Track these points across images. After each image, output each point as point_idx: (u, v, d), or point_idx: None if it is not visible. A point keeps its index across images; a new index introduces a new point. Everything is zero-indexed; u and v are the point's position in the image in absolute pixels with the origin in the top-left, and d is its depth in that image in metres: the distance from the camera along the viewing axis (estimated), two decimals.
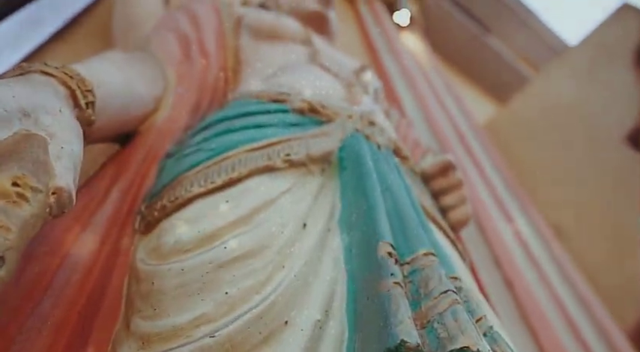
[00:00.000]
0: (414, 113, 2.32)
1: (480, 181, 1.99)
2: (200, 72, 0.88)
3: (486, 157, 2.25)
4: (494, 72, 3.56)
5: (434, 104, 2.49)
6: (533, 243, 1.73)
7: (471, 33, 3.35)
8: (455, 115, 2.51)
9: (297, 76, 0.86)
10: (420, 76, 2.59)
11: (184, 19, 0.97)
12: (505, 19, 3.45)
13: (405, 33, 2.99)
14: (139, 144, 0.72)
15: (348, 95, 0.90)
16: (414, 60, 2.70)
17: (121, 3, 1.03)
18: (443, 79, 2.84)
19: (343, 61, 1.11)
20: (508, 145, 2.69)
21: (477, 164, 2.08)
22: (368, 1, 2.97)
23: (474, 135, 2.40)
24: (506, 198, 2.00)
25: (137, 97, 0.71)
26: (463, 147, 2.25)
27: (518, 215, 2.05)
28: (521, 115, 2.62)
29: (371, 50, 2.66)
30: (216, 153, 0.64)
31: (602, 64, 2.18)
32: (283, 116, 0.73)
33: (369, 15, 2.87)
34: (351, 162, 0.69)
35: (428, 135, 2.23)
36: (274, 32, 1.02)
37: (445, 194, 0.88)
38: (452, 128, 2.42)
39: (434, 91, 2.54)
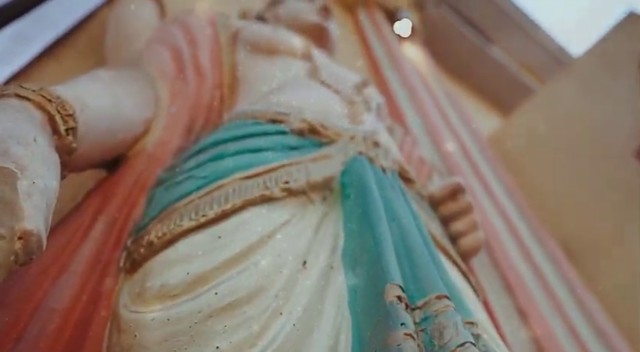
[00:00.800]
0: (416, 126, 2.28)
1: (487, 199, 1.94)
2: (194, 90, 0.84)
3: (492, 173, 2.20)
4: (496, 82, 3.53)
5: (437, 117, 2.44)
6: (545, 267, 1.67)
7: (473, 43, 3.32)
8: (459, 129, 2.46)
9: (297, 94, 0.82)
10: (422, 87, 2.55)
11: (179, 33, 0.93)
12: (507, 29, 3.42)
13: (406, 44, 2.96)
14: (127, 170, 0.67)
15: (350, 113, 0.85)
16: (416, 71, 2.66)
17: (114, 18, 0.99)
18: (445, 90, 2.81)
19: (344, 75, 1.07)
20: (513, 159, 2.64)
21: (482, 181, 2.03)
22: (368, 11, 2.95)
23: (479, 150, 2.35)
24: (514, 216, 1.94)
25: (125, 120, 0.66)
26: (468, 163, 2.20)
27: (528, 235, 1.99)
28: (526, 128, 2.57)
29: (372, 61, 2.62)
30: (209, 182, 0.59)
31: (608, 75, 2.14)
32: (281, 138, 0.69)
33: (369, 25, 2.84)
34: (354, 188, 0.64)
35: (431, 148, 2.18)
36: (272, 47, 0.98)
37: (455, 219, 0.83)
38: (456, 142, 2.37)
39: (436, 104, 2.50)
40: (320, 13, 1.29)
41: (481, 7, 3.32)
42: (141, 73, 0.78)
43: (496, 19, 3.35)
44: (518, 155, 2.72)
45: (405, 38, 2.99)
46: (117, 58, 0.94)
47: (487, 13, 3.29)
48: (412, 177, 0.80)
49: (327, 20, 1.30)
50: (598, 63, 2.21)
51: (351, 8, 2.97)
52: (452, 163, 2.16)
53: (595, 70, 2.22)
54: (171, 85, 0.82)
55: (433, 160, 2.12)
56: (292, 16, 1.29)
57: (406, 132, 1.50)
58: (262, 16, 1.39)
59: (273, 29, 1.02)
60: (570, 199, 2.42)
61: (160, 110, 0.76)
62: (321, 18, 1.28)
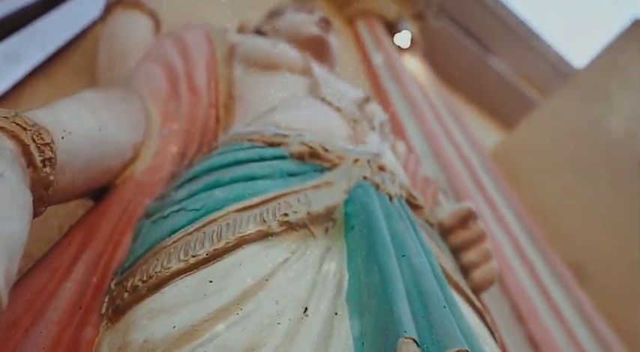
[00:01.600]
0: (417, 140, 2.22)
1: (492, 215, 1.87)
2: (188, 110, 0.78)
3: (496, 190, 2.13)
4: (496, 94, 3.48)
5: (438, 130, 2.39)
6: (555, 292, 1.61)
7: (473, 54, 3.27)
8: (461, 143, 2.41)
9: (296, 113, 0.76)
10: (423, 99, 2.50)
11: (173, 50, 0.88)
12: (507, 40, 3.38)
13: (405, 55, 2.92)
14: (114, 200, 0.62)
15: (353, 133, 0.79)
16: (417, 83, 2.61)
17: (106, 35, 0.94)
18: (445, 101, 2.76)
19: (346, 91, 1.02)
20: (517, 174, 2.57)
21: (487, 197, 1.97)
22: (367, 22, 2.91)
23: (482, 165, 2.29)
24: (521, 236, 1.88)
25: (113, 146, 0.61)
26: (471, 178, 2.14)
27: (535, 257, 1.93)
28: (530, 142, 2.50)
29: (371, 73, 2.58)
30: (201, 215, 0.53)
31: (616, 85, 2.08)
32: (280, 164, 0.63)
33: (368, 37, 2.80)
34: (359, 219, 0.58)
35: (433, 163, 2.13)
36: (270, 62, 0.93)
37: (467, 249, 0.77)
38: (458, 156, 2.32)
39: (438, 117, 2.45)
40: (320, 25, 1.24)
41: (481, 18, 3.28)
42: (131, 93, 0.73)
43: (496, 30, 3.31)
44: (523, 170, 2.65)
45: (405, 49, 2.95)
46: (109, 77, 0.89)
47: (487, 24, 3.26)
48: (420, 204, 0.74)
49: (327, 32, 1.25)
50: (604, 73, 2.16)
51: (351, 19, 2.93)
52: (455, 178, 2.10)
53: (601, 80, 2.16)
54: (163, 105, 0.76)
55: (436, 176, 2.06)
56: (291, 28, 1.24)
57: (409, 149, 1.45)
58: (260, 28, 1.34)
59: (272, 43, 0.97)
60: (579, 216, 2.34)
61: (150, 133, 0.70)
62: (321, 30, 1.23)
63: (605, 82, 2.20)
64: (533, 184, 2.60)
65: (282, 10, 1.34)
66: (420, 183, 1.19)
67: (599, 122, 2.31)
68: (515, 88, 3.50)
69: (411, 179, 1.16)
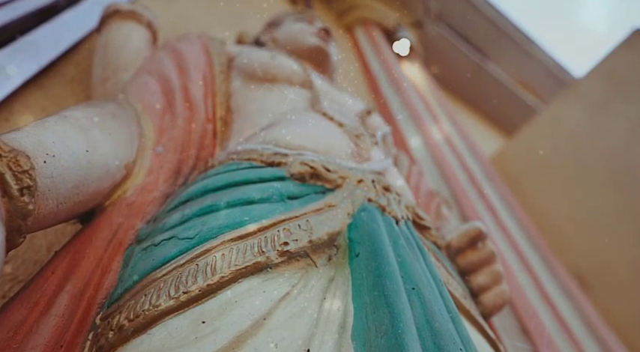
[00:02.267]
0: (417, 146, 2.18)
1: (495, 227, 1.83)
2: (184, 125, 0.74)
3: (499, 198, 2.09)
4: (494, 100, 3.44)
5: (438, 137, 2.35)
6: (560, 302, 1.56)
7: (471, 61, 3.24)
8: (461, 150, 2.36)
9: (296, 129, 0.72)
10: (423, 107, 2.46)
11: (169, 62, 0.83)
12: (505, 47, 3.35)
13: (404, 62, 2.88)
14: (103, 224, 0.57)
15: (356, 149, 0.75)
16: (417, 91, 2.57)
17: (102, 47, 0.90)
18: (445, 108, 2.72)
19: (347, 103, 0.97)
20: (516, 180, 2.53)
21: (489, 206, 1.93)
22: (366, 30, 2.87)
23: (483, 173, 2.24)
24: (524, 245, 1.83)
25: (102, 167, 0.56)
26: (473, 186, 2.10)
27: (541, 270, 1.88)
28: (530, 149, 2.46)
29: (371, 81, 2.54)
30: (194, 244, 0.48)
31: (616, 95, 2.04)
32: (279, 186, 0.58)
33: (367, 45, 2.76)
34: (364, 247, 0.53)
35: (433, 171, 2.09)
36: (269, 75, 0.88)
37: (476, 271, 0.72)
38: (459, 163, 2.28)
39: (438, 123, 2.41)
40: (320, 35, 1.20)
41: (478, 25, 3.25)
42: (124, 109, 0.68)
43: (494, 37, 3.28)
44: (522, 177, 2.61)
45: (404, 57, 2.91)
46: (103, 90, 0.84)
47: (485, 32, 3.22)
48: (427, 224, 0.69)
49: (327, 42, 1.21)
50: (604, 82, 2.12)
51: (349, 27, 2.90)
52: (455, 185, 2.06)
53: (601, 90, 2.13)
54: (158, 120, 0.72)
55: (437, 184, 2.02)
56: (291, 38, 1.20)
57: (411, 159, 1.40)
58: (259, 39, 1.30)
59: (271, 55, 0.92)
60: (579, 224, 2.30)
61: (144, 151, 0.66)
62: (321, 40, 1.19)
63: (605, 90, 2.17)
64: (533, 191, 2.56)
65: (281, 20, 1.30)
66: (424, 195, 1.14)
67: (599, 130, 2.27)
68: (513, 94, 3.46)
69: (415, 192, 1.11)
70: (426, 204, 1.12)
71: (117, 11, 0.93)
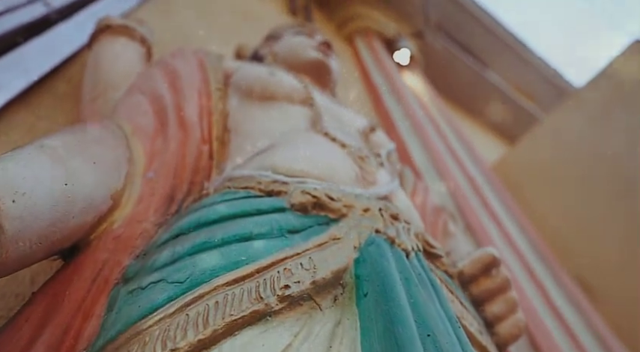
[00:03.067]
0: (419, 157, 2.13)
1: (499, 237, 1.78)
2: (177, 148, 0.68)
3: (502, 208, 2.04)
4: (495, 108, 3.40)
5: (441, 146, 2.30)
6: (568, 313, 1.51)
7: (471, 70, 3.20)
8: (464, 160, 2.32)
9: (297, 153, 0.66)
10: (425, 117, 2.42)
11: (162, 80, 0.78)
12: (504, 55, 3.31)
13: (405, 72, 2.84)
14: (87, 261, 0.52)
15: (361, 172, 0.70)
16: (418, 100, 2.53)
17: (92, 63, 0.85)
18: (447, 118, 2.67)
19: (350, 121, 0.92)
20: (518, 188, 2.49)
21: (492, 216, 1.87)
22: (366, 40, 2.83)
23: (486, 182, 2.20)
24: (529, 255, 1.78)
25: (84, 200, 0.51)
26: (476, 195, 2.05)
27: (546, 276, 1.83)
28: (532, 158, 2.42)
29: (372, 91, 2.49)
30: (185, 290, 0.43)
31: (617, 104, 2.00)
32: (279, 218, 0.53)
33: (368, 55, 2.72)
34: (373, 286, 0.48)
35: (436, 181, 2.04)
36: (268, 92, 0.83)
37: (490, 300, 0.67)
38: (462, 173, 2.23)
39: (440, 133, 2.36)
40: (320, 49, 1.15)
41: (477, 34, 3.21)
42: (111, 131, 0.63)
43: (493, 46, 3.25)
44: (524, 185, 2.57)
45: (404, 67, 2.87)
46: (93, 110, 0.79)
47: (484, 41, 3.19)
48: (439, 253, 0.64)
49: (328, 56, 1.16)
50: (605, 91, 2.08)
51: (349, 37, 2.86)
52: (458, 195, 2.01)
53: (602, 99, 2.09)
54: (149, 143, 0.67)
55: (440, 195, 1.97)
56: (290, 52, 1.15)
57: (416, 174, 1.35)
58: (258, 52, 1.25)
59: (270, 71, 0.87)
60: (581, 231, 2.26)
61: (133, 177, 0.60)
62: (322, 54, 1.14)
63: (606, 99, 2.13)
64: (535, 199, 2.52)
65: (280, 34, 1.25)
66: (430, 213, 1.09)
67: (600, 138, 2.23)
68: (512, 101, 3.42)
69: (421, 209, 1.06)
70: (433, 222, 1.07)
71: (108, 26, 0.88)
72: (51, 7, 1.07)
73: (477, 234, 1.76)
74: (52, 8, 1.07)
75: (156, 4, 1.44)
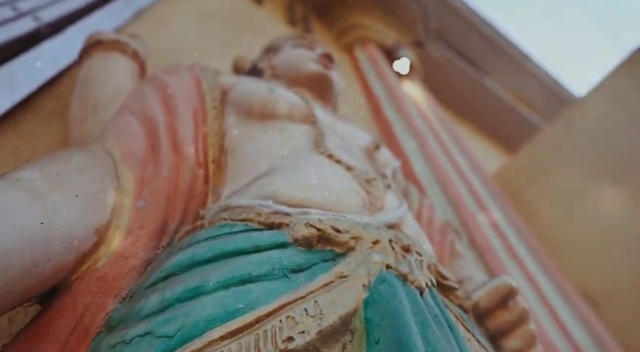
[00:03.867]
0: (420, 168, 2.09)
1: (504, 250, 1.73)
2: (170, 173, 0.63)
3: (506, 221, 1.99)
4: (494, 116, 3.37)
5: (442, 159, 2.26)
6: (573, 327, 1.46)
7: (471, 78, 3.17)
8: (465, 169, 2.27)
9: (299, 178, 0.61)
10: (425, 127, 2.38)
11: (154, 98, 0.73)
12: (503, 63, 3.28)
13: (405, 81, 2.80)
14: (67, 306, 0.46)
15: (368, 197, 0.64)
16: (419, 110, 2.49)
17: (81, 81, 0.79)
18: (447, 127, 2.63)
19: (353, 139, 0.87)
20: (519, 197, 2.44)
21: (495, 227, 1.82)
22: (366, 49, 2.80)
23: (488, 192, 2.15)
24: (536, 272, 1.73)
25: (64, 239, 0.45)
26: (478, 206, 2.00)
27: (550, 289, 1.78)
28: (535, 166, 2.38)
29: (372, 102, 2.45)
30: (175, 345, 0.38)
31: (621, 112, 1.96)
32: (281, 256, 0.48)
33: (368, 65, 2.69)
34: (386, 332, 0.43)
35: (439, 193, 1.99)
36: (268, 110, 0.78)
37: (508, 334, 0.61)
38: (464, 183, 2.18)
39: (441, 143, 2.32)
40: (321, 61, 1.10)
41: (477, 43, 3.18)
42: (97, 158, 0.58)
43: (492, 55, 3.22)
44: (525, 194, 2.52)
45: (404, 76, 2.84)
46: (81, 131, 0.74)
47: (484, 49, 3.16)
48: (452, 285, 0.59)
49: (329, 69, 1.12)
50: (608, 99, 2.04)
51: (348, 47, 2.82)
52: (460, 206, 1.97)
53: (606, 107, 2.05)
54: (140, 169, 0.61)
55: (442, 206, 1.92)
56: (290, 65, 1.11)
57: (421, 191, 1.30)
58: (257, 65, 1.21)
59: (269, 87, 0.82)
60: (587, 244, 2.21)
61: (121, 208, 0.55)
62: (323, 67, 1.09)
63: (608, 108, 2.09)
64: (536, 208, 2.47)
65: (279, 46, 1.21)
66: (437, 232, 1.04)
67: (603, 148, 2.19)
68: (511, 109, 3.39)
69: (427, 228, 1.01)
70: (440, 242, 1.02)
71: (99, 41, 0.83)
72: (41, 21, 1.02)
73: (480, 248, 1.71)
74: (42, 22, 1.02)
75: (151, 17, 1.39)
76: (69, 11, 1.09)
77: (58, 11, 1.07)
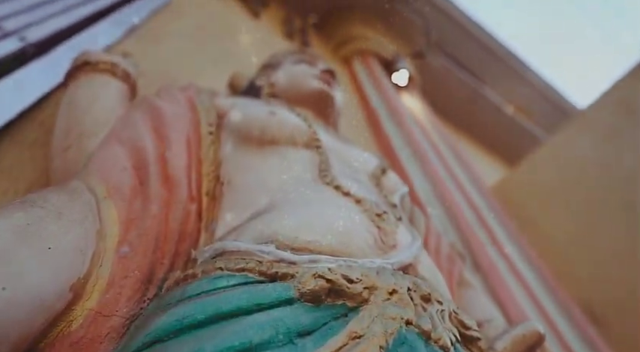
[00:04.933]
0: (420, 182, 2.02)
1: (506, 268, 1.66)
2: (160, 212, 0.56)
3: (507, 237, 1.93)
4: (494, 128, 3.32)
5: (443, 174, 2.20)
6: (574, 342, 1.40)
7: (470, 89, 3.12)
8: (464, 183, 2.21)
9: (304, 217, 0.54)
10: (425, 141, 2.32)
11: (144, 125, 0.66)
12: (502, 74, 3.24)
13: (403, 93, 2.75)
14: None
15: (380, 234, 0.57)
16: (418, 124, 2.43)
17: (66, 106, 0.72)
18: (446, 140, 2.57)
19: (359, 164, 0.80)
20: (520, 210, 2.37)
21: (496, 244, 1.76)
22: (364, 62, 2.75)
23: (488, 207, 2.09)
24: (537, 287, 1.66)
25: (31, 302, 0.38)
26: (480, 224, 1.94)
27: (551, 306, 1.71)
28: (536, 178, 2.32)
29: (371, 115, 2.39)
30: None
31: (627, 123, 1.91)
32: (286, 315, 0.41)
33: (366, 77, 2.63)
34: None
35: (439, 208, 1.92)
36: (268, 135, 0.71)
37: None
38: (463, 198, 2.12)
39: (441, 158, 2.26)
40: (323, 78, 1.04)
41: (477, 53, 3.14)
42: (77, 198, 0.51)
43: (492, 65, 3.18)
44: (527, 207, 2.46)
45: (403, 87, 2.78)
46: (64, 163, 0.67)
47: (483, 60, 3.12)
48: (475, 335, 0.52)
49: (331, 86, 1.06)
50: (613, 111, 1.99)
51: (346, 59, 2.77)
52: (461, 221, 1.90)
53: (610, 118, 1.99)
54: (126, 207, 0.54)
55: (442, 223, 1.85)
56: (291, 82, 1.04)
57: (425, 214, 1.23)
58: (255, 83, 1.14)
59: (270, 110, 0.76)
60: (590, 258, 2.14)
61: (102, 256, 0.48)
62: (325, 84, 1.03)
63: (614, 119, 2.04)
64: (538, 222, 2.40)
65: (279, 62, 1.15)
66: (445, 260, 0.97)
67: (609, 159, 2.13)
68: (511, 121, 3.34)
69: (435, 257, 0.94)
70: (448, 271, 0.95)
71: (87, 62, 0.77)
72: (26, 40, 0.96)
73: (484, 271, 1.64)
74: (27, 42, 0.96)
75: (144, 34, 1.33)
76: (57, 30, 1.02)
77: (45, 30, 1.01)
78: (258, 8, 2.23)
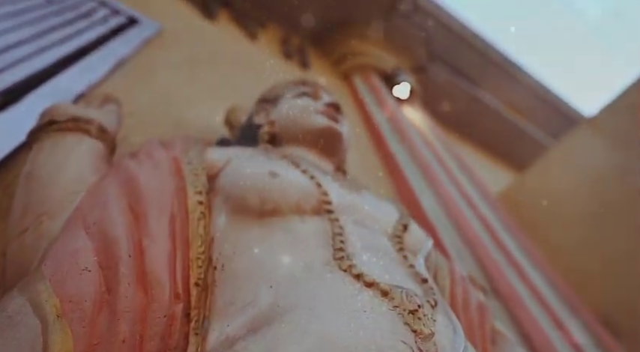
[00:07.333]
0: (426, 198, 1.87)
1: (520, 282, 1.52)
2: (133, 327, 0.41)
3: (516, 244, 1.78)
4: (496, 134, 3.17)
5: (449, 186, 2.05)
6: None
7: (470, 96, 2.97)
8: (470, 193, 2.06)
9: (316, 333, 0.39)
10: (431, 155, 2.17)
11: (116, 204, 0.51)
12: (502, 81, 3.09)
13: (405, 106, 2.60)
14: None
15: (416, 343, 0.42)
16: (422, 137, 2.28)
17: (25, 176, 0.57)
18: (451, 151, 2.42)
19: (378, 224, 0.65)
20: (527, 218, 2.23)
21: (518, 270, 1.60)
22: (364, 76, 2.60)
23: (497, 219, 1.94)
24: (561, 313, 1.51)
25: None
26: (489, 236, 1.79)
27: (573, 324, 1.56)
28: (545, 185, 2.18)
29: (373, 131, 2.24)
30: None
31: (634, 128, 1.77)
32: None
33: (367, 92, 2.48)
34: None
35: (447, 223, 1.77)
36: (270, 205, 0.56)
37: None
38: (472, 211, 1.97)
39: (448, 173, 2.11)
40: (328, 113, 0.90)
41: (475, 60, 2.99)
42: (16, 316, 0.36)
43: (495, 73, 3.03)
44: (534, 215, 2.31)
45: (404, 100, 2.63)
46: (19, 246, 0.52)
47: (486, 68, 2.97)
48: None
49: (338, 122, 0.91)
50: (624, 117, 1.85)
51: (346, 75, 2.62)
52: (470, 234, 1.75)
53: (620, 124, 1.85)
54: (86, 327, 0.39)
55: (452, 239, 1.71)
56: (293, 120, 0.90)
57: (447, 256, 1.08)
58: (252, 120, 1.00)
59: (271, 172, 0.60)
60: (605, 268, 1.99)
61: None
62: (331, 119, 0.89)
63: (624, 125, 1.90)
64: (549, 227, 2.26)
65: (278, 96, 1.00)
66: (475, 313, 0.82)
67: (621, 166, 1.99)
68: (516, 127, 3.19)
69: (463, 312, 0.79)
70: (480, 324, 0.80)
71: (52, 122, 0.62)
72: None
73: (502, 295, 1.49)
74: None
75: (133, 67, 1.19)
76: (31, 73, 0.88)
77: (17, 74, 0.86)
78: (256, 29, 2.09)
